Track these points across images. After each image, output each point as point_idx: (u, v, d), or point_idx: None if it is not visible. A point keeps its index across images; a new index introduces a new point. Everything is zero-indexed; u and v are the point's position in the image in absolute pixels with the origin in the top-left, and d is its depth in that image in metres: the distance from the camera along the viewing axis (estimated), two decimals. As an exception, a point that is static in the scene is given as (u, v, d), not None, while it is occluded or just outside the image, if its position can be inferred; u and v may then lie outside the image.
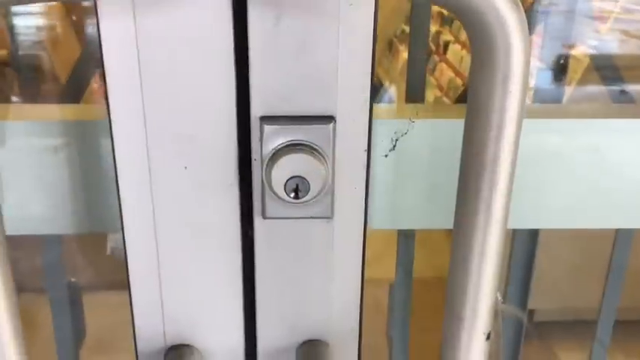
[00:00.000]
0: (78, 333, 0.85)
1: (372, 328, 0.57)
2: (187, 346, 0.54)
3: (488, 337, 0.42)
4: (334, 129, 0.47)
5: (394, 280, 0.86)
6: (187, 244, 0.50)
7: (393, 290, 0.88)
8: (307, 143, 0.47)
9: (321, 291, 0.53)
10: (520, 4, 0.34)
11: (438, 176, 0.55)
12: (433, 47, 3.90)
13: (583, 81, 2.55)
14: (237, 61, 0.46)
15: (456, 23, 3.65)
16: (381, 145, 0.53)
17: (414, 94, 0.62)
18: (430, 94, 3.69)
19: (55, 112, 0.57)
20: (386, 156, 0.53)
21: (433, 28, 3.92)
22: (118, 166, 0.48)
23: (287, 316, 0.54)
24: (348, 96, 0.47)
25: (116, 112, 0.46)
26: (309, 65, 0.46)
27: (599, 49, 2.71)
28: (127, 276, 0.52)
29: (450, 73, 3.54)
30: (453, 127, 0.54)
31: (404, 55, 4.35)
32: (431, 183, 0.55)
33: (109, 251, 2.41)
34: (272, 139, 0.47)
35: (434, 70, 3.85)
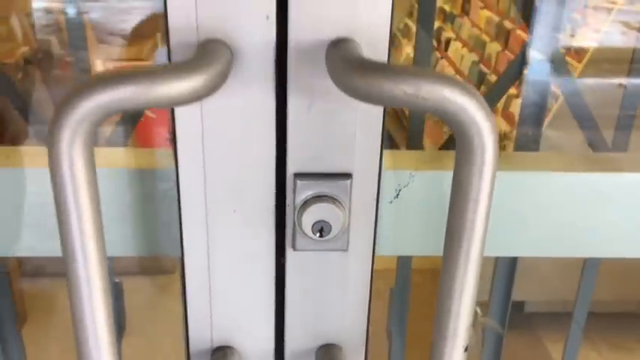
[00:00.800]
0: (120, 327, 0.99)
1: (372, 314, 0.69)
2: (229, 347, 0.67)
3: (466, 350, 0.55)
4: (351, 184, 0.60)
5: (395, 282, 1.00)
6: (233, 268, 0.64)
7: (393, 292, 1.02)
8: (330, 195, 0.60)
9: (336, 306, 0.67)
10: (492, 115, 0.47)
11: (433, 215, 0.68)
12: (435, 43, 4.01)
13: (584, 73, 2.60)
14: (277, 131, 0.59)
15: (457, 21, 3.76)
16: (387, 193, 0.66)
17: (414, 142, 0.76)
18: (431, 91, 3.80)
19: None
20: (391, 202, 0.66)
21: (435, 23, 4.02)
22: (182, 207, 0.61)
23: (309, 325, 0.67)
24: (363, 158, 0.60)
25: (183, 167, 0.60)
26: (333, 134, 0.59)
27: (600, 41, 2.72)
28: (183, 291, 0.65)
29: (451, 71, 3.66)
30: (447, 178, 0.67)
31: (406, 49, 4.45)
32: (427, 220, 0.69)
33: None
34: (303, 191, 0.60)
35: (435, 66, 3.96)
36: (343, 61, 0.50)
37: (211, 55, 0.51)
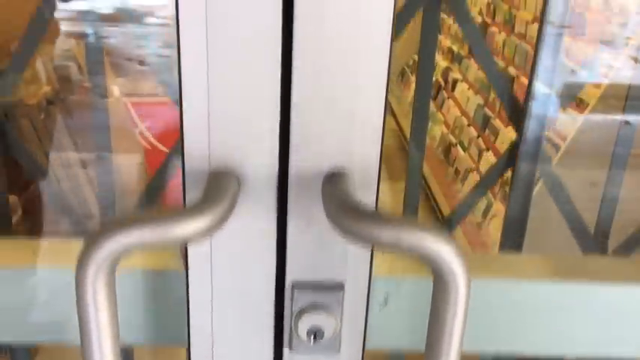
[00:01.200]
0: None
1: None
2: None
3: None
4: (343, 294, 0.67)
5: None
6: (235, 364, 0.70)
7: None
8: (324, 304, 0.67)
9: (328, 398, 0.73)
10: (465, 260, 0.54)
11: (420, 316, 0.74)
12: (442, 83, 4.08)
13: (596, 109, 2.60)
14: (278, 245, 0.65)
15: (465, 62, 3.83)
16: (376, 301, 0.72)
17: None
18: (437, 130, 3.87)
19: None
20: (380, 310, 0.72)
21: (443, 63, 4.11)
22: (190, 308, 0.68)
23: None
24: (354, 271, 0.67)
25: (193, 275, 0.66)
26: (328, 249, 0.65)
27: (611, 77, 2.71)
28: (189, 382, 0.72)
29: (457, 112, 3.72)
30: (430, 284, 0.74)
31: (414, 85, 4.52)
32: (414, 320, 0.75)
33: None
34: (300, 299, 0.67)
35: (442, 105, 4.03)
36: (336, 202, 0.56)
37: (221, 190, 0.58)
